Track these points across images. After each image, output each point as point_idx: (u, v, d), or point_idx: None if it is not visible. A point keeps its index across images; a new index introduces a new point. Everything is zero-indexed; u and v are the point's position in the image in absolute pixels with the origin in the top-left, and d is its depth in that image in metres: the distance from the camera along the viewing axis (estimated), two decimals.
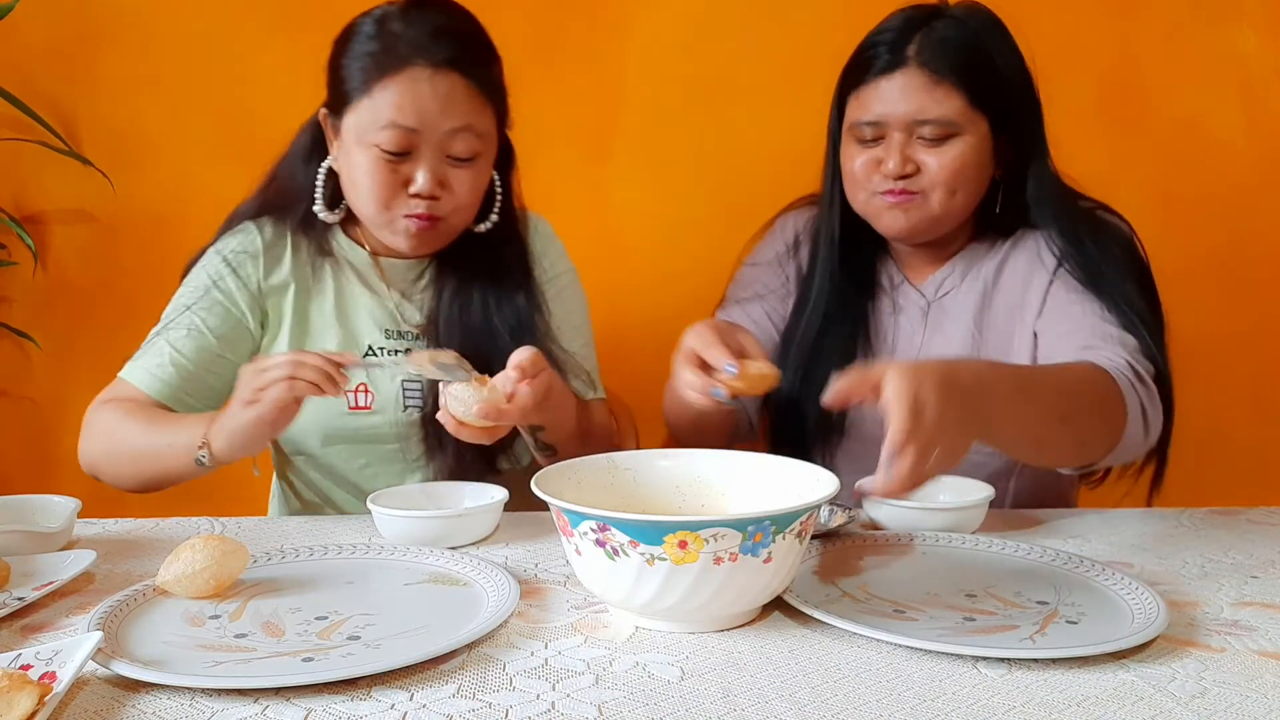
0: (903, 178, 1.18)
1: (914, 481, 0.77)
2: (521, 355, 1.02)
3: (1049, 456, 1.04)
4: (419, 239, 1.17)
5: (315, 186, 1.22)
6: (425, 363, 1.01)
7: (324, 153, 1.22)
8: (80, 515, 1.01)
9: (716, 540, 0.69)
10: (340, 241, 1.27)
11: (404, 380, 1.24)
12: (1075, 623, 0.77)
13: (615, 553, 0.72)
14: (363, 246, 1.27)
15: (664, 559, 0.70)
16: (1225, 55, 1.90)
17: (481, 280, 1.25)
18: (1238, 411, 1.95)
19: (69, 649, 0.63)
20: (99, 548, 0.93)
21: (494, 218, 1.25)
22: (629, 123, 1.92)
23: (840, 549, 0.95)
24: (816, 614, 0.75)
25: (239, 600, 0.80)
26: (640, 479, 0.90)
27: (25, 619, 0.78)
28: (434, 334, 1.25)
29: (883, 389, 0.78)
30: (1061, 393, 0.99)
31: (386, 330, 1.26)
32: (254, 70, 1.90)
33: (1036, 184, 1.23)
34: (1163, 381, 1.12)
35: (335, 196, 1.23)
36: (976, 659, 0.70)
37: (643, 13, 1.89)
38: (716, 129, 1.91)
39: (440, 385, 1.02)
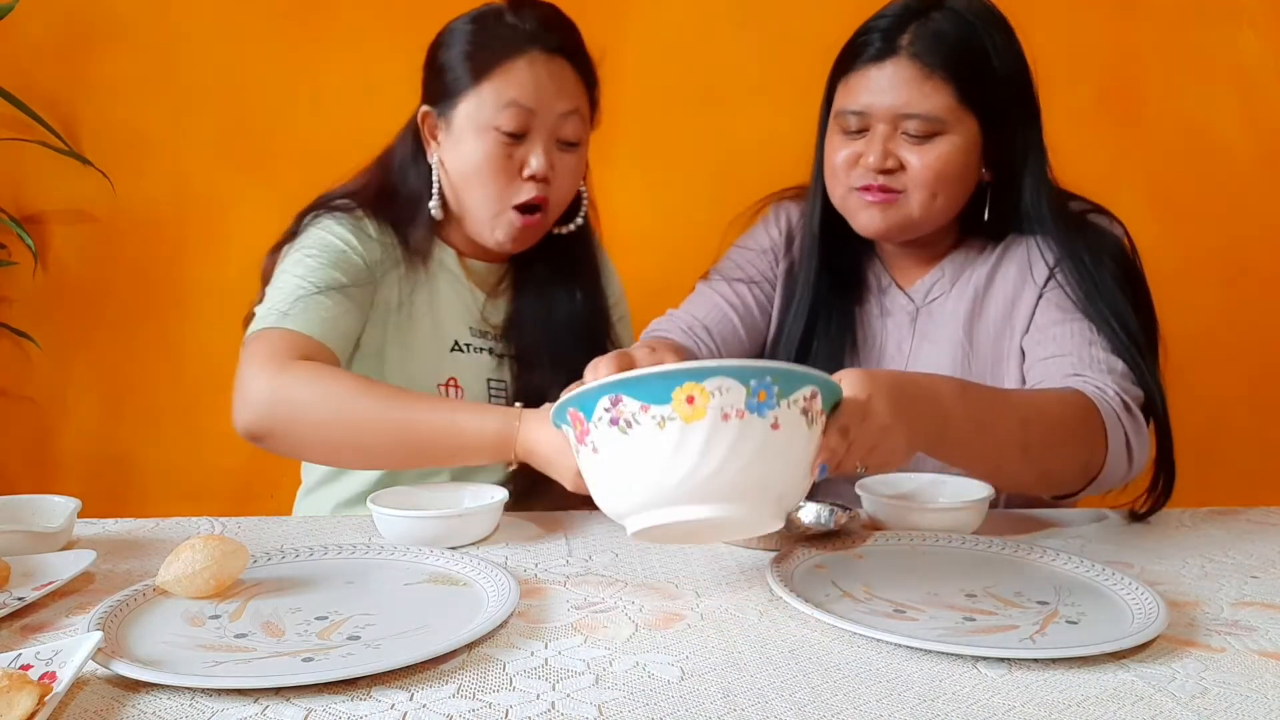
0: (883, 173, 1.14)
1: (833, 461, 0.80)
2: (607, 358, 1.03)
3: (1005, 483, 1.07)
4: (523, 233, 1.21)
5: (431, 183, 1.23)
6: None
7: (421, 150, 1.25)
8: (80, 515, 1.00)
9: (722, 394, 0.70)
10: (431, 244, 1.28)
11: (490, 379, 1.28)
12: (1075, 623, 0.77)
13: (629, 424, 0.72)
14: (450, 247, 1.29)
15: (674, 418, 0.71)
16: (1225, 55, 1.90)
17: (560, 282, 1.30)
18: (1238, 412, 1.95)
19: (69, 649, 0.63)
20: (99, 548, 0.93)
21: (579, 220, 1.30)
22: (629, 124, 1.91)
23: (840, 549, 0.95)
24: (816, 614, 0.75)
25: (239, 600, 0.80)
26: None
27: (25, 619, 0.78)
28: (514, 333, 1.29)
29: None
30: (1028, 423, 0.99)
31: (471, 328, 1.29)
32: (254, 70, 1.90)
33: (1032, 191, 1.19)
34: (1153, 406, 1.10)
35: (439, 193, 1.25)
36: (976, 659, 0.70)
37: (642, 14, 1.89)
38: (716, 130, 1.91)
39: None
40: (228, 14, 1.89)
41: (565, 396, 0.77)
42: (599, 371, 0.89)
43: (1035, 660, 0.69)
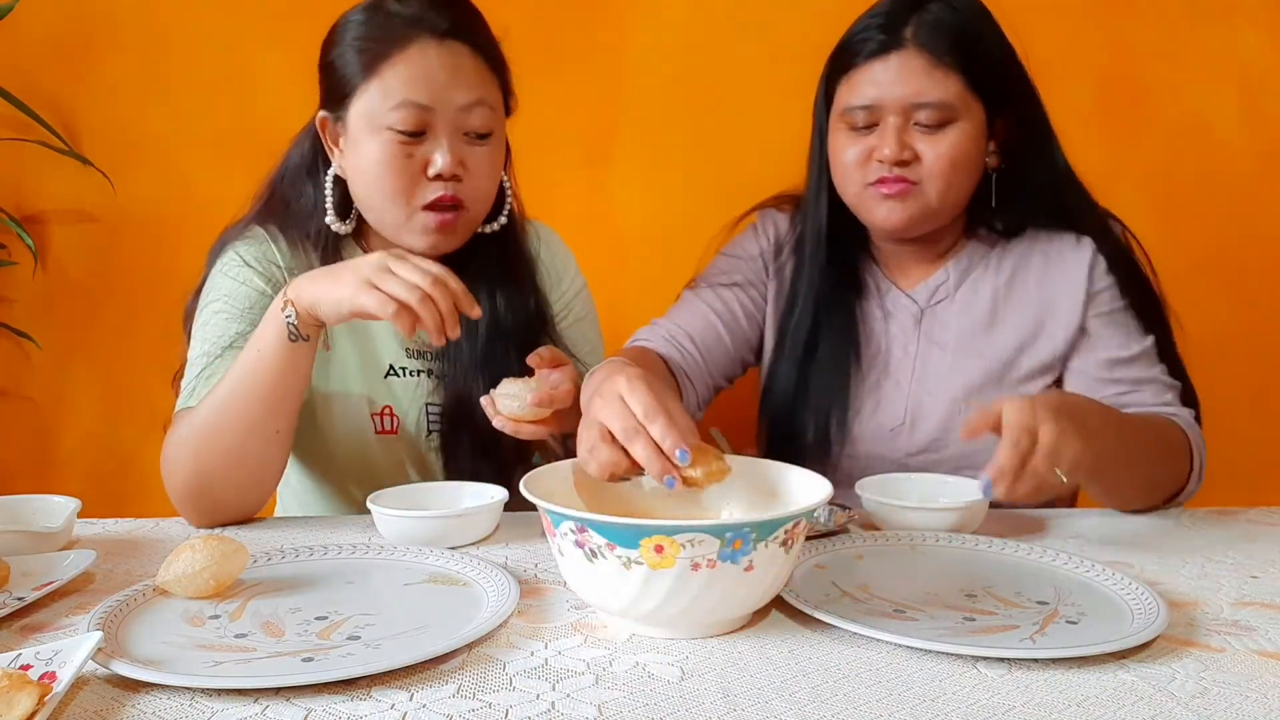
0: (899, 164, 1.14)
1: (1027, 494, 0.87)
2: (539, 350, 1.04)
3: (1119, 495, 1.12)
4: (440, 234, 1.13)
5: (325, 198, 1.17)
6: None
7: (325, 161, 1.18)
8: (80, 515, 1.00)
9: (694, 546, 0.69)
10: (354, 255, 1.21)
11: (427, 403, 1.21)
12: (1075, 623, 0.77)
13: (594, 555, 0.71)
14: None
15: (640, 563, 0.69)
16: (1225, 55, 1.90)
17: (490, 283, 1.21)
18: (1238, 411, 1.94)
19: (69, 649, 0.64)
20: (99, 548, 0.93)
21: (503, 219, 1.22)
22: (629, 124, 1.92)
23: (840, 549, 0.94)
24: (816, 614, 0.75)
25: (239, 600, 0.80)
26: (641, 482, 0.89)
27: (25, 619, 0.78)
28: (445, 349, 1.20)
29: (1002, 417, 0.88)
30: (1145, 440, 1.06)
31: (407, 349, 1.22)
32: (254, 71, 1.90)
33: (1047, 176, 1.19)
34: (1197, 413, 1.17)
35: (344, 205, 1.18)
36: (976, 659, 0.70)
37: (642, 14, 1.89)
38: (716, 130, 1.91)
39: (491, 393, 1.02)
40: (228, 14, 1.89)
41: (531, 494, 0.75)
42: (540, 359, 1.02)
43: (1035, 660, 0.69)
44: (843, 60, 1.19)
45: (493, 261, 1.22)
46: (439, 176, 1.10)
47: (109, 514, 1.09)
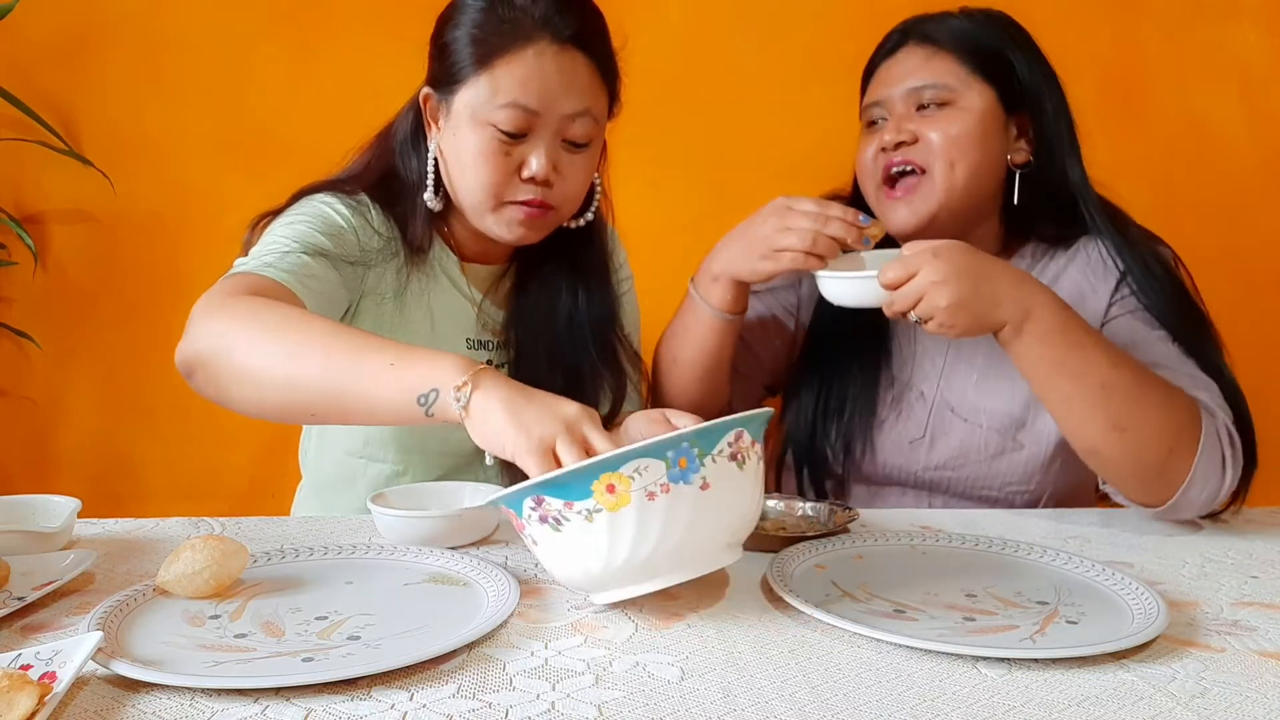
0: (901, 147, 1.15)
1: (890, 311, 1.01)
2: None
3: (1076, 422, 1.03)
4: (526, 228, 1.11)
5: (428, 173, 1.13)
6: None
7: (424, 136, 1.15)
8: (80, 515, 1.00)
9: (642, 475, 0.69)
10: (435, 242, 1.19)
11: None
12: (1075, 623, 0.77)
13: (558, 522, 0.72)
14: (451, 250, 1.20)
15: (600, 509, 0.70)
16: (1226, 55, 1.90)
17: (565, 280, 1.20)
18: None
19: (69, 649, 0.63)
20: (99, 548, 0.93)
21: (589, 215, 1.20)
22: (629, 124, 1.91)
23: (840, 549, 0.94)
24: (816, 614, 0.75)
25: (239, 600, 0.80)
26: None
27: (25, 619, 0.78)
28: (513, 336, 1.20)
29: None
30: (1114, 365, 1.00)
31: (469, 339, 1.20)
32: (254, 70, 1.90)
33: (1079, 178, 1.18)
34: (1243, 422, 1.08)
35: (438, 182, 1.15)
36: (976, 659, 0.70)
37: (642, 14, 1.89)
38: (716, 130, 1.91)
39: None
40: (228, 14, 1.89)
41: (492, 497, 0.76)
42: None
43: (1035, 660, 0.69)
44: (866, 71, 1.25)
45: (575, 256, 1.22)
46: (532, 180, 1.08)
47: (109, 514, 1.09)
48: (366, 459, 1.20)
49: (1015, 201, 1.20)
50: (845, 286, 1.06)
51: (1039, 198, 1.20)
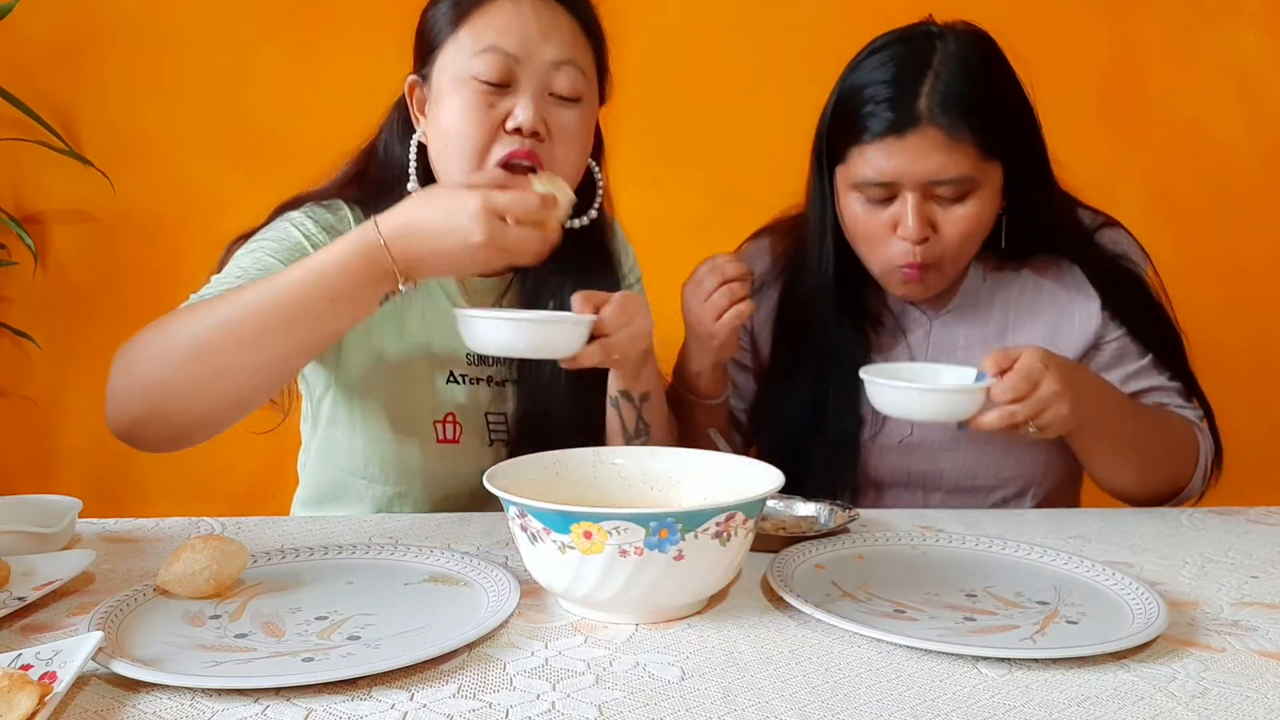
0: (921, 241, 1.13)
1: (1009, 423, 1.02)
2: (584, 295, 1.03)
3: (1117, 475, 1.18)
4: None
5: (409, 162, 1.10)
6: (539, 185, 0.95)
7: (410, 130, 1.13)
8: (80, 515, 1.00)
9: (620, 534, 0.71)
10: None
11: (488, 413, 1.17)
12: (1075, 623, 0.77)
13: (535, 538, 0.74)
14: None
15: (573, 548, 0.72)
16: (1225, 55, 1.90)
17: (571, 279, 1.13)
18: (1237, 411, 1.95)
19: (69, 649, 0.63)
20: (99, 548, 0.93)
21: (593, 213, 1.15)
22: (629, 124, 1.92)
23: (840, 549, 0.94)
24: (816, 614, 0.75)
25: (239, 600, 0.80)
26: (625, 473, 0.91)
27: (25, 619, 0.78)
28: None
29: (1020, 360, 1.02)
30: (1138, 420, 1.15)
31: (468, 354, 1.16)
32: (254, 70, 1.90)
33: (1049, 211, 1.20)
34: (1213, 428, 1.23)
35: (426, 174, 1.12)
36: (976, 659, 0.70)
37: (642, 14, 1.89)
38: (716, 130, 1.91)
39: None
40: (227, 14, 1.89)
41: (493, 487, 0.77)
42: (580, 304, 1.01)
43: (1035, 660, 0.69)
44: (851, 128, 1.14)
45: (581, 260, 1.16)
46: (518, 130, 1.04)
47: (109, 514, 1.09)
48: (367, 480, 1.18)
49: (1003, 245, 1.21)
50: (927, 401, 1.04)
51: (1019, 231, 1.21)
